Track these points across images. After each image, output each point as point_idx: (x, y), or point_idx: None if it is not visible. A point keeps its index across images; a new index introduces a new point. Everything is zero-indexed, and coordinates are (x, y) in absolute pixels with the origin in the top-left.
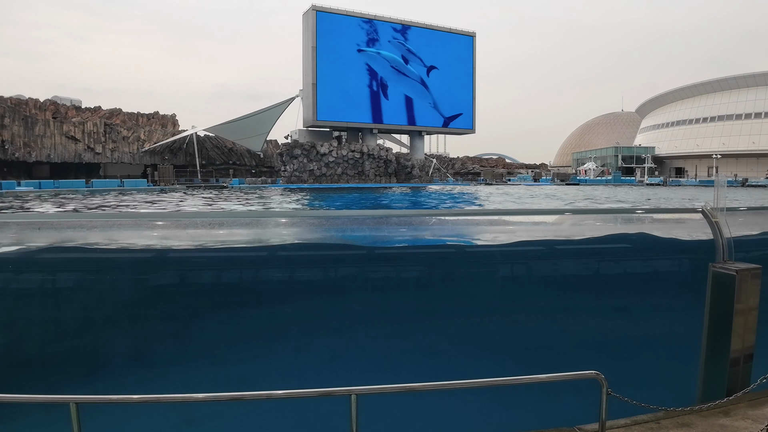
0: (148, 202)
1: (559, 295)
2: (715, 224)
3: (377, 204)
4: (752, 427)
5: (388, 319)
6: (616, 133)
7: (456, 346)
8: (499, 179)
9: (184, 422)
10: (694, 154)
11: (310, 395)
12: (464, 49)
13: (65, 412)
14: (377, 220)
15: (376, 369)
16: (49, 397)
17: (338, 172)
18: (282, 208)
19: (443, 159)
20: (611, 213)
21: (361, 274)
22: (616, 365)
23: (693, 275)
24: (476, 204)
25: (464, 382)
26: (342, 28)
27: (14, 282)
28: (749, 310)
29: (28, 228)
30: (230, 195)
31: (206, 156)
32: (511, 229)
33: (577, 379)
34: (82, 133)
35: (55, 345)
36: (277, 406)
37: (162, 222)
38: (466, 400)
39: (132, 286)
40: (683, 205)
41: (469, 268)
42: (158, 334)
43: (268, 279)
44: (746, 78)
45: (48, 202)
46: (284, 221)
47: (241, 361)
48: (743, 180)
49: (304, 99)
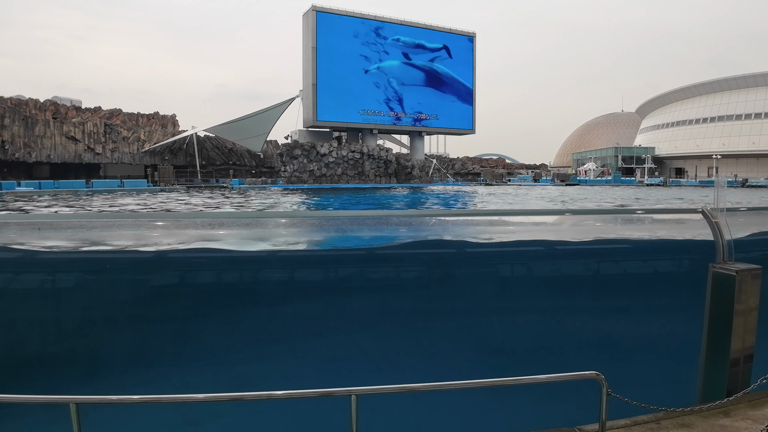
0: (181, 200)
1: (560, 295)
2: (715, 224)
3: (378, 204)
4: (752, 427)
5: (390, 319)
6: (616, 133)
7: (457, 347)
8: (499, 180)
9: (184, 422)
10: (694, 155)
11: (310, 395)
12: (464, 50)
13: (65, 412)
14: (377, 220)
15: (375, 369)
16: (49, 398)
17: (338, 172)
18: (284, 208)
19: (443, 159)
20: (611, 213)
21: (361, 274)
22: (616, 365)
23: (693, 275)
24: (474, 204)
25: (464, 383)
26: (342, 28)
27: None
28: (749, 311)
29: (29, 228)
30: (233, 195)
31: (206, 156)
32: (511, 230)
33: (577, 379)
34: (82, 133)
35: (55, 344)
36: (278, 406)
37: (162, 222)
38: (466, 400)
39: (153, 285)
40: (683, 206)
41: (470, 268)
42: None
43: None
44: (746, 78)
45: (74, 201)
46: (284, 221)
47: (242, 361)
48: (743, 180)
49: (304, 99)
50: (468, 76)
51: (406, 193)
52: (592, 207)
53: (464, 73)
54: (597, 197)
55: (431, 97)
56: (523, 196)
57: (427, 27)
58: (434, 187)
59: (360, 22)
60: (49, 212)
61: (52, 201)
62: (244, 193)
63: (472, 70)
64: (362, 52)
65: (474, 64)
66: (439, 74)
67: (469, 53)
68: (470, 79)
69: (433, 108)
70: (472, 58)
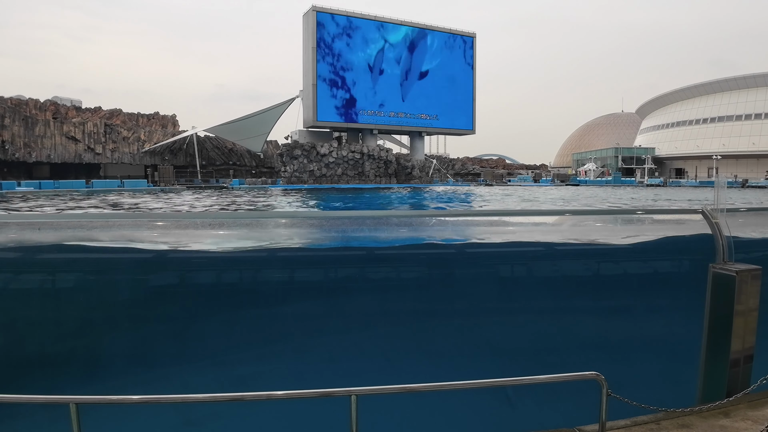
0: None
1: (560, 295)
2: (715, 225)
3: (378, 204)
4: (752, 428)
5: (391, 319)
6: (616, 133)
7: (458, 347)
8: (499, 180)
9: (185, 423)
10: (695, 155)
11: (310, 396)
12: (464, 50)
13: (65, 412)
14: (377, 220)
15: (376, 369)
16: (49, 398)
17: (338, 172)
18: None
19: (443, 160)
20: (611, 213)
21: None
22: (616, 366)
23: (693, 276)
24: (471, 204)
25: (464, 383)
26: (342, 28)
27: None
28: (749, 311)
29: (29, 228)
30: (239, 197)
31: (206, 156)
32: (512, 230)
33: (577, 379)
34: (83, 133)
35: (57, 344)
36: (278, 406)
37: (162, 222)
38: (466, 400)
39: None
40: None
41: (470, 268)
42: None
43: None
44: (746, 79)
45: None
46: (284, 222)
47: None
48: (743, 181)
49: (304, 100)
50: (468, 76)
51: (406, 193)
52: (593, 207)
53: (464, 73)
54: (602, 195)
55: (431, 98)
56: (539, 192)
57: (427, 27)
58: (434, 187)
59: (360, 22)
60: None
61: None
62: (240, 195)
63: (472, 70)
64: (362, 52)
65: (474, 64)
66: (439, 74)
67: (469, 53)
68: (470, 79)
69: (433, 108)
70: (473, 58)
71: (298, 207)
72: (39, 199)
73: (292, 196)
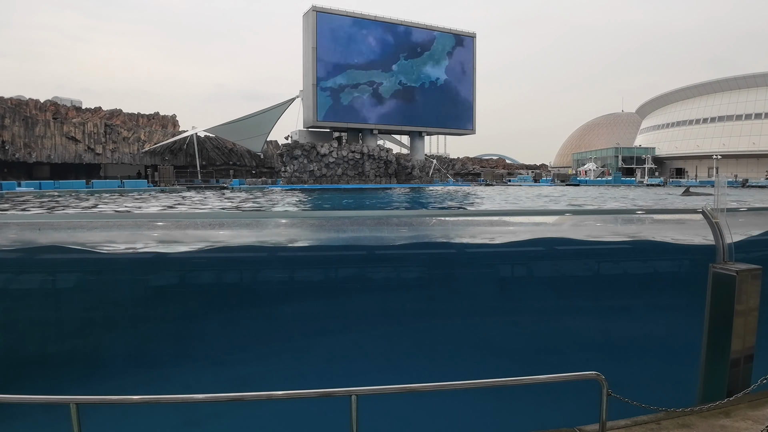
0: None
1: (560, 295)
2: (715, 225)
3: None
4: (753, 428)
5: (392, 319)
6: (616, 133)
7: (458, 347)
8: (499, 180)
9: (185, 423)
10: (695, 155)
11: (310, 396)
12: (465, 50)
13: (65, 412)
14: (377, 221)
15: (376, 369)
16: (50, 398)
17: (338, 172)
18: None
19: (443, 160)
20: (611, 213)
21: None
22: (616, 366)
23: (693, 276)
24: (470, 204)
25: (464, 383)
26: (342, 28)
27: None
28: (749, 311)
29: (29, 228)
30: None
31: (206, 156)
32: (512, 230)
33: (577, 379)
34: (83, 133)
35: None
36: (278, 406)
37: (163, 222)
38: (466, 400)
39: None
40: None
41: (470, 268)
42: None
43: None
44: (746, 79)
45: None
46: (284, 222)
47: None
48: (743, 180)
49: (304, 100)
50: (468, 77)
51: (406, 192)
52: (593, 208)
53: (464, 73)
54: (607, 195)
55: (431, 97)
56: (523, 196)
57: (427, 27)
58: (435, 187)
59: (360, 23)
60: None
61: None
62: (235, 198)
63: (472, 70)
64: (362, 52)
65: (474, 64)
66: (439, 74)
67: (469, 53)
68: (470, 79)
69: (433, 108)
70: (473, 58)
71: (297, 207)
72: (42, 198)
73: (293, 197)
